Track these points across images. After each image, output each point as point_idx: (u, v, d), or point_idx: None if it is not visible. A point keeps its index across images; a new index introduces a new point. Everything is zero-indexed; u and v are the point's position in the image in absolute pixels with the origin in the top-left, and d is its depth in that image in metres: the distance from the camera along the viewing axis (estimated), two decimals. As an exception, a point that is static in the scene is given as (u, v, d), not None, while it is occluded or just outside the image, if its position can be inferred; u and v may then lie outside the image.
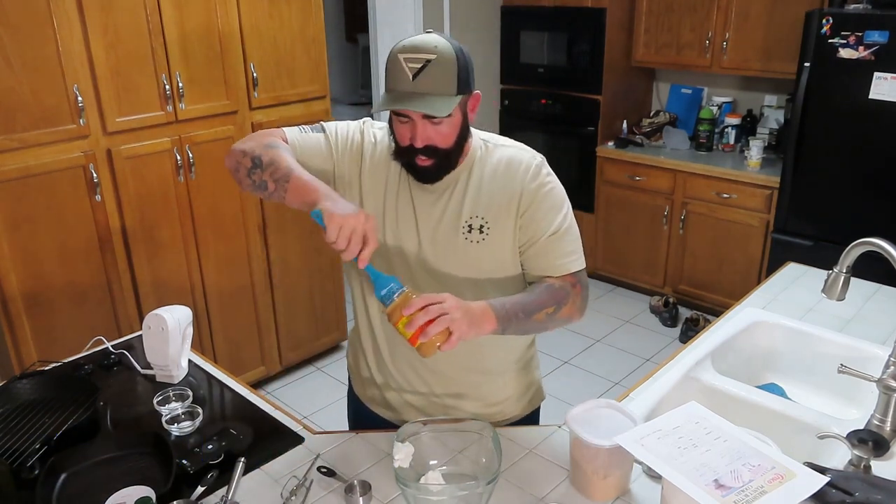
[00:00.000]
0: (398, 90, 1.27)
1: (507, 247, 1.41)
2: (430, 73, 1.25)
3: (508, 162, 1.41)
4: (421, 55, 1.26)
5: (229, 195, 2.95)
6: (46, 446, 1.41)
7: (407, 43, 1.28)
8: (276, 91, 2.99)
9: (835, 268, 1.53)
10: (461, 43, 1.33)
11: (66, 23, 2.35)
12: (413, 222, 1.41)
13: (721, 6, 3.78)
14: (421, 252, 1.41)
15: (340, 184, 1.44)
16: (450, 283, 1.41)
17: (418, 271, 1.42)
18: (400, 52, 1.27)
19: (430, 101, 1.26)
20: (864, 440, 1.40)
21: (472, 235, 1.39)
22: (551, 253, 1.41)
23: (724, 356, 1.86)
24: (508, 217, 1.39)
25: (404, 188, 1.42)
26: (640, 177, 4.09)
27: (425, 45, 1.27)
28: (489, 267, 1.42)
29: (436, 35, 1.30)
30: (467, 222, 1.39)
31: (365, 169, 1.43)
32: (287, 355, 3.40)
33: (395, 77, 1.27)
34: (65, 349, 2.06)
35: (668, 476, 1.13)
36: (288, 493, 1.34)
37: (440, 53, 1.26)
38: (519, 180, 1.39)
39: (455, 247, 1.40)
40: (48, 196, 2.43)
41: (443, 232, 1.40)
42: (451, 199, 1.40)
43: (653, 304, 4.14)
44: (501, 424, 1.57)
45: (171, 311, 1.74)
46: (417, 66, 1.25)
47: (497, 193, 1.39)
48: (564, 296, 1.40)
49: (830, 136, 3.25)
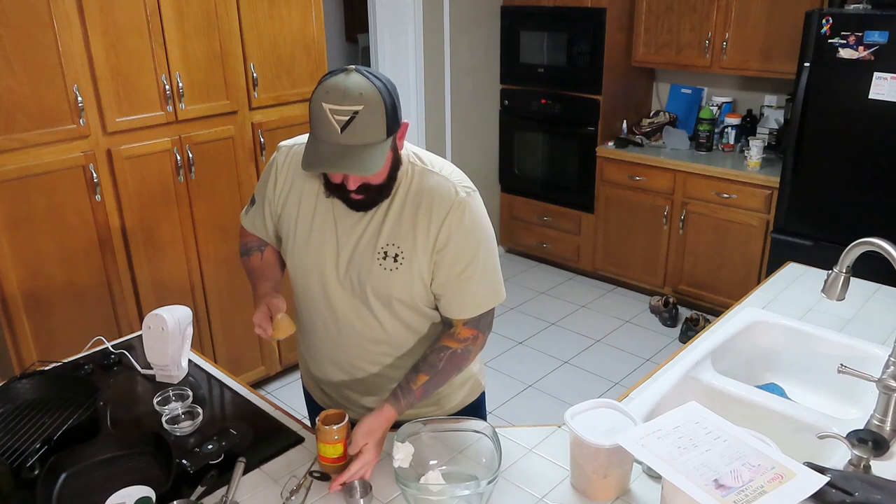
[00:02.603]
0: (327, 142, 1.22)
1: (419, 279, 1.40)
2: (359, 125, 1.21)
3: (432, 194, 1.37)
4: (347, 107, 1.20)
5: (229, 195, 2.95)
6: (46, 446, 1.41)
7: (330, 89, 1.21)
8: (276, 91, 2.99)
9: (835, 268, 1.53)
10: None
11: (66, 23, 2.35)
12: (334, 240, 1.42)
13: (721, 6, 3.78)
14: (338, 270, 1.42)
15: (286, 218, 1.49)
16: (363, 301, 1.43)
17: (334, 287, 1.44)
18: (325, 102, 1.21)
19: (360, 156, 1.22)
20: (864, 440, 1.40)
21: (386, 262, 1.39)
22: (460, 295, 1.41)
23: (724, 356, 1.86)
24: (424, 252, 1.38)
25: (326, 206, 1.42)
26: (640, 177, 4.09)
27: (349, 93, 1.20)
28: (400, 294, 1.41)
29: (359, 76, 1.23)
30: (383, 248, 1.39)
31: (287, 195, 1.47)
32: (287, 355, 3.40)
33: (322, 128, 1.22)
34: (65, 349, 2.07)
35: (668, 476, 1.13)
36: (288, 493, 1.34)
37: (367, 102, 1.21)
38: (440, 217, 1.36)
39: (370, 270, 1.40)
40: (48, 196, 2.43)
41: (359, 254, 1.40)
42: (371, 223, 1.40)
43: (653, 304, 4.15)
44: (439, 417, 1.54)
45: (171, 311, 1.74)
46: (345, 118, 1.20)
47: (415, 226, 1.38)
48: (465, 359, 1.46)
49: (830, 136, 3.25)
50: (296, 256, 1.47)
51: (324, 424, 1.37)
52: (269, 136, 3.01)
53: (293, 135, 3.08)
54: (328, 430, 1.36)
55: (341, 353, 1.52)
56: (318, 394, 1.66)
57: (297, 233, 1.45)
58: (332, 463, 1.39)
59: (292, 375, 3.50)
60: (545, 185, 4.57)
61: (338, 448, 1.38)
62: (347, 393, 1.58)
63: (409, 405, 1.41)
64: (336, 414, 1.40)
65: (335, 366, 1.55)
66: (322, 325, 1.50)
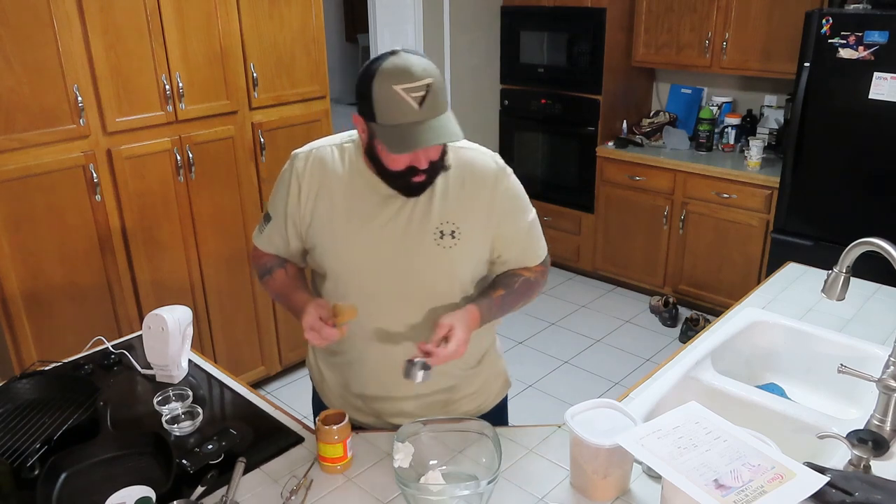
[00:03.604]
0: (407, 122, 1.23)
1: (478, 250, 1.45)
2: (433, 96, 1.24)
3: (472, 167, 1.43)
4: (419, 83, 1.23)
5: (229, 195, 2.95)
6: (46, 446, 1.41)
7: (395, 72, 1.23)
8: (276, 91, 2.99)
9: (835, 268, 1.53)
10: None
11: (66, 23, 2.35)
12: (379, 232, 1.40)
13: (721, 6, 3.78)
14: (389, 261, 1.40)
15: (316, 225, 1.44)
16: (421, 289, 1.42)
17: (387, 281, 1.41)
18: (394, 84, 1.22)
19: (445, 126, 1.26)
20: (864, 440, 1.40)
21: (444, 241, 1.40)
22: (527, 246, 1.51)
23: (724, 356, 1.86)
24: (480, 222, 1.42)
25: (361, 201, 1.40)
26: (640, 177, 4.09)
27: (414, 70, 1.23)
28: (461, 270, 1.44)
29: (409, 54, 1.26)
30: (438, 228, 1.39)
31: (316, 201, 1.43)
32: (287, 355, 3.40)
33: (398, 110, 1.23)
34: (65, 349, 2.07)
35: (668, 476, 1.13)
36: (288, 493, 1.34)
37: (431, 74, 1.25)
38: (489, 187, 1.43)
39: (427, 253, 1.40)
40: (48, 196, 2.43)
41: (412, 239, 1.39)
42: (417, 206, 1.39)
43: (653, 304, 4.15)
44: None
45: (171, 311, 1.74)
46: (421, 94, 1.23)
47: (467, 200, 1.41)
48: (536, 287, 1.54)
49: (830, 136, 3.25)
50: (341, 258, 1.43)
51: (324, 424, 1.37)
52: (269, 136, 3.01)
53: (293, 134, 3.14)
54: (328, 430, 1.36)
55: (390, 356, 1.46)
56: (353, 411, 1.57)
57: (335, 234, 1.42)
58: (332, 463, 1.39)
59: (292, 375, 3.50)
60: (545, 185, 4.57)
61: (338, 448, 1.38)
62: (390, 403, 1.53)
63: (489, 311, 1.44)
64: (336, 414, 1.40)
65: (382, 372, 1.49)
66: (370, 327, 1.45)
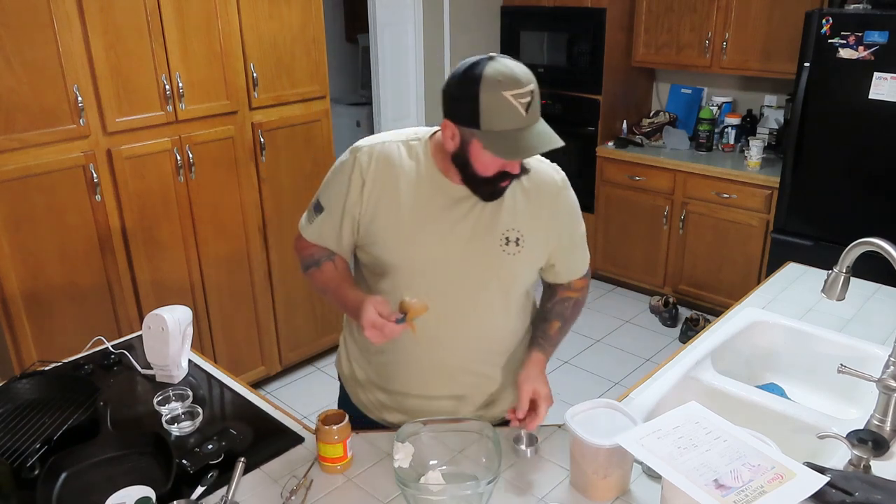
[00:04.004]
0: (515, 128, 1.24)
1: (539, 258, 1.48)
2: (535, 102, 1.26)
3: (537, 176, 1.45)
4: (526, 89, 1.23)
5: (229, 195, 2.95)
6: (46, 446, 1.41)
7: (501, 78, 1.22)
8: (276, 91, 2.99)
9: (835, 268, 1.53)
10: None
11: (66, 23, 2.35)
12: (446, 234, 1.39)
13: (721, 6, 3.78)
14: (454, 263, 1.40)
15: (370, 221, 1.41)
16: (479, 293, 1.43)
17: (448, 283, 1.41)
18: (503, 90, 1.22)
19: (545, 132, 1.27)
20: (864, 440, 1.40)
21: (508, 248, 1.41)
22: (577, 256, 1.57)
23: (724, 356, 1.86)
24: (543, 231, 1.45)
25: (429, 201, 1.39)
26: (640, 177, 4.09)
27: (519, 76, 1.23)
28: (521, 277, 1.47)
29: (510, 60, 1.27)
30: (504, 234, 1.41)
31: (380, 198, 1.40)
32: (287, 355, 3.40)
33: (505, 117, 1.23)
34: (65, 349, 2.07)
35: (668, 476, 1.13)
36: (288, 493, 1.34)
37: (533, 79, 1.26)
38: (553, 196, 1.47)
39: (491, 259, 1.41)
40: (48, 196, 2.43)
41: (478, 244, 1.40)
42: (485, 211, 1.39)
43: (653, 304, 4.15)
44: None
45: (171, 311, 1.74)
46: (527, 100, 1.24)
47: (532, 209, 1.43)
48: (582, 305, 1.61)
49: (830, 136, 3.25)
50: (406, 257, 1.40)
51: (324, 424, 1.37)
52: (269, 136, 3.01)
53: (293, 134, 3.14)
54: (328, 430, 1.36)
55: (436, 357, 1.47)
56: (381, 409, 1.58)
57: (401, 232, 1.39)
58: (332, 463, 1.39)
59: (292, 375, 3.50)
60: (545, 185, 4.56)
61: (338, 448, 1.38)
62: (429, 402, 1.52)
63: (551, 349, 1.52)
64: (336, 414, 1.40)
65: (426, 372, 1.49)
66: (421, 328, 1.40)
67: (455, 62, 4.37)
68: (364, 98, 5.52)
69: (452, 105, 1.29)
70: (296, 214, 3.23)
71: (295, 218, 3.18)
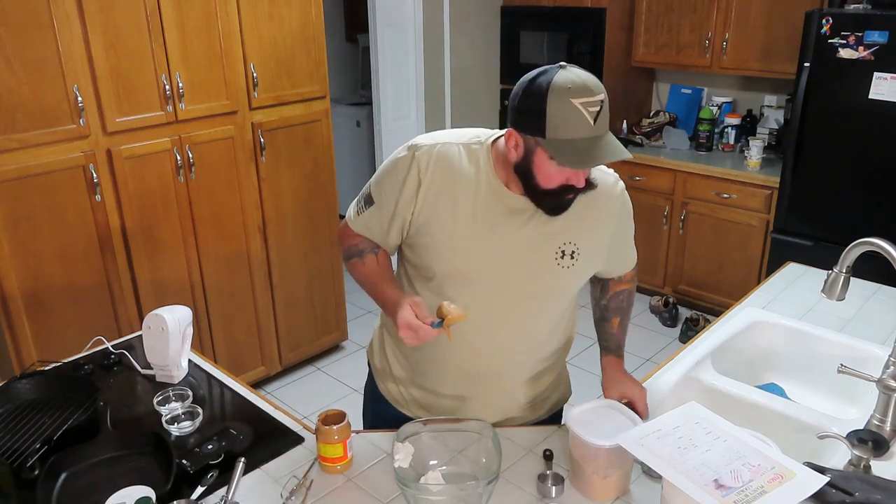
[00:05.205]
0: (582, 137, 1.20)
1: (593, 268, 1.48)
2: (604, 113, 1.23)
3: (597, 188, 1.38)
4: (596, 98, 1.21)
5: (229, 195, 2.95)
6: (46, 446, 1.41)
7: (571, 85, 1.20)
8: (276, 91, 2.99)
9: (835, 268, 1.53)
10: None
11: (66, 23, 2.35)
12: (500, 244, 1.36)
13: (721, 6, 3.78)
14: (506, 273, 1.37)
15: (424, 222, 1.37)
16: (528, 305, 1.41)
17: (498, 293, 1.39)
18: (573, 98, 1.19)
19: (613, 143, 1.23)
20: (864, 440, 1.40)
21: (563, 261, 1.38)
22: (629, 252, 1.58)
23: (724, 356, 1.86)
24: (601, 239, 1.44)
25: (486, 207, 1.35)
26: (640, 177, 4.09)
27: (589, 85, 1.21)
28: (572, 289, 1.46)
29: (579, 70, 1.26)
30: (560, 248, 1.38)
31: (437, 199, 1.36)
32: (287, 355, 3.40)
33: (574, 125, 1.20)
34: (65, 349, 2.07)
35: (668, 476, 1.13)
36: (288, 493, 1.34)
37: (602, 90, 1.23)
38: (612, 209, 1.45)
39: (545, 271, 1.38)
40: (48, 196, 2.43)
41: (532, 256, 1.37)
42: (542, 223, 1.36)
43: (653, 304, 4.14)
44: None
45: (171, 311, 1.74)
46: (596, 109, 1.21)
47: (589, 221, 1.40)
48: (634, 294, 1.65)
49: (830, 136, 3.25)
50: (457, 261, 1.37)
51: (324, 424, 1.37)
52: (269, 136, 3.01)
53: (293, 134, 3.14)
54: (328, 430, 1.36)
55: (476, 362, 1.46)
56: (409, 404, 1.58)
57: (455, 236, 1.36)
58: (332, 463, 1.39)
59: (292, 375, 3.50)
60: (545, 185, 4.56)
61: (338, 448, 1.38)
62: (462, 402, 1.52)
63: (619, 348, 1.58)
64: (336, 414, 1.40)
65: (463, 375, 1.48)
66: (464, 334, 1.38)
67: (455, 62, 4.37)
68: (364, 98, 5.52)
69: (518, 113, 1.25)
70: (296, 214, 3.25)
71: (295, 218, 3.21)
